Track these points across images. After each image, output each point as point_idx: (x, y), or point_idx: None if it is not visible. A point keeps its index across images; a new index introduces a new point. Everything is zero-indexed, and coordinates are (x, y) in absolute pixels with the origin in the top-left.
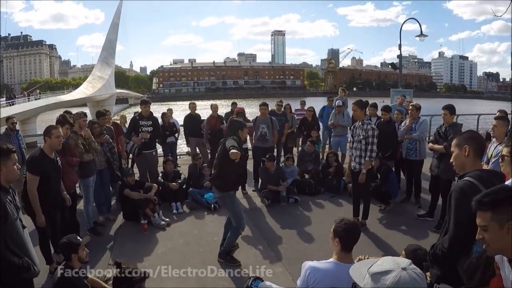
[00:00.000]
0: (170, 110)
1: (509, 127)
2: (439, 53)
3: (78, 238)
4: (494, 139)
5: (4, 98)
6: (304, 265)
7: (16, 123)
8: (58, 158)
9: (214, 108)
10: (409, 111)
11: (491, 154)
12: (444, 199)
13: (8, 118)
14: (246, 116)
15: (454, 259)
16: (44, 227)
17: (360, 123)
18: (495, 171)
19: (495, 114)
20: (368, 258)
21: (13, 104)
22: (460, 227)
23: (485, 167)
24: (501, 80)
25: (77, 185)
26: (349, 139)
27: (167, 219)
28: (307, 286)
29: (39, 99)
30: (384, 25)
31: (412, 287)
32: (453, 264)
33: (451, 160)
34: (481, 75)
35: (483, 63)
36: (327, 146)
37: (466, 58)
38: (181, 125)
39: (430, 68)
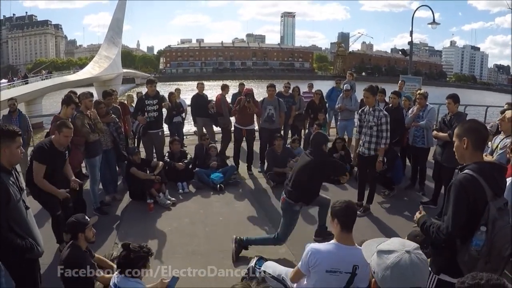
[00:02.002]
0: (178, 90)
1: None
2: (451, 42)
3: (86, 217)
4: (502, 132)
5: (7, 80)
6: (306, 246)
7: (15, 104)
8: (67, 152)
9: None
10: (417, 99)
11: (497, 146)
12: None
13: (9, 99)
14: (255, 97)
15: (449, 251)
16: (55, 207)
17: (370, 109)
18: (495, 163)
19: (504, 107)
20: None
21: (27, 83)
22: (458, 220)
23: (489, 158)
24: (511, 73)
25: (83, 165)
26: (356, 124)
27: (173, 199)
28: (308, 267)
29: (45, 79)
30: (396, 10)
31: (410, 271)
32: (453, 256)
33: (454, 149)
34: (492, 67)
35: (495, 55)
36: (333, 129)
37: (478, 49)
38: (188, 105)
39: (440, 57)
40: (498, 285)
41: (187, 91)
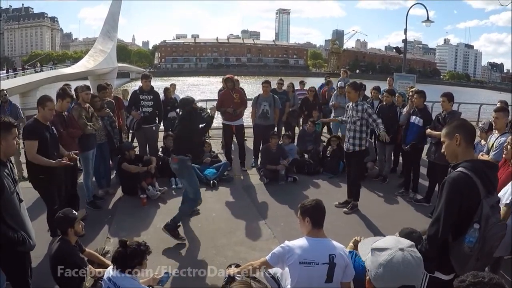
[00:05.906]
0: (173, 85)
1: (510, 118)
2: (445, 40)
3: (74, 212)
4: (495, 131)
5: (5, 71)
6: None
7: (6, 95)
8: (53, 127)
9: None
10: (409, 97)
11: (492, 145)
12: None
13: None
14: (235, 82)
15: (439, 248)
16: (53, 201)
17: (353, 105)
18: (487, 161)
19: (496, 104)
20: (363, 239)
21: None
22: (448, 218)
23: (485, 157)
24: (505, 71)
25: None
26: (343, 118)
27: (162, 188)
28: (279, 260)
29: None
30: (392, 8)
31: (402, 268)
32: (445, 253)
33: (442, 150)
34: (486, 64)
35: (489, 53)
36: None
37: (472, 47)
38: None
39: (434, 55)
40: (499, 284)
41: (185, 86)
